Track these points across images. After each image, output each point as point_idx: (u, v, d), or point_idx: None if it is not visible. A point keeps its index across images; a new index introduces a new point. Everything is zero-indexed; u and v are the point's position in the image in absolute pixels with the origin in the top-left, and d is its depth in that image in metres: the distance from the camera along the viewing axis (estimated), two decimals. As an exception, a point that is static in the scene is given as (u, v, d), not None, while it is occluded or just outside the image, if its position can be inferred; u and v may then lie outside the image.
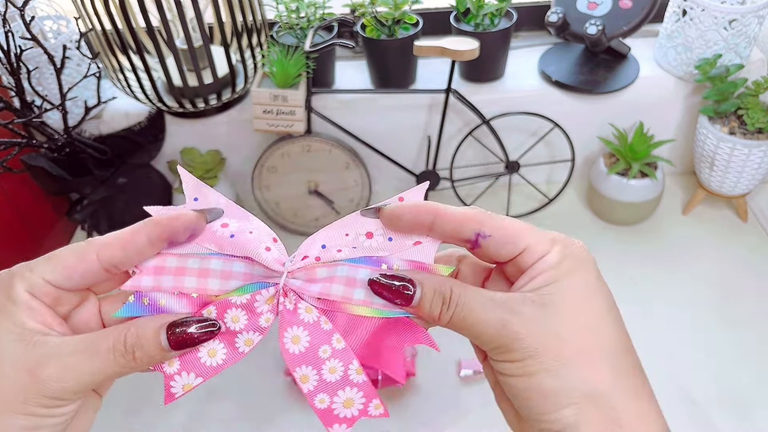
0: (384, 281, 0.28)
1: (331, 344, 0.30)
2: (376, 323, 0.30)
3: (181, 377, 0.29)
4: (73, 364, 0.25)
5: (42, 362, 0.25)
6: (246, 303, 0.29)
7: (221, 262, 0.30)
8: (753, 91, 0.79)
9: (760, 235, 0.87)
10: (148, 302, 0.29)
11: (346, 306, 0.29)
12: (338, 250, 0.30)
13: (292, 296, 0.30)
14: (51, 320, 0.26)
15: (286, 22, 0.84)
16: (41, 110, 0.75)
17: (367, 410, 0.30)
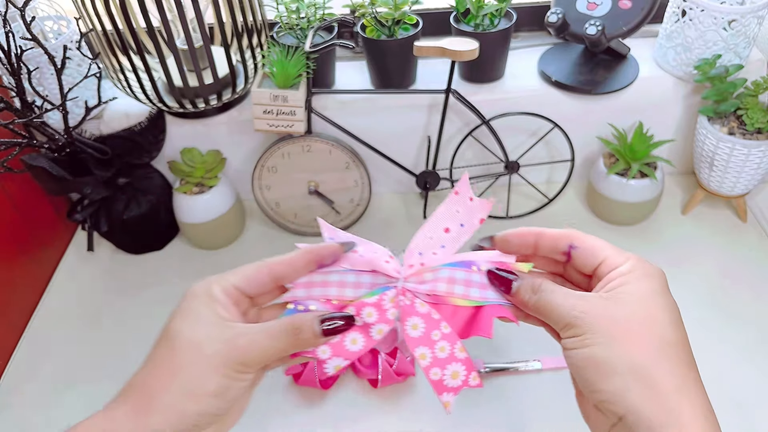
0: (498, 273, 0.39)
1: (440, 329, 0.40)
2: (471, 311, 0.40)
3: (332, 360, 0.39)
4: (257, 340, 0.35)
5: (236, 338, 0.35)
6: (376, 302, 0.40)
7: (354, 275, 0.41)
8: (752, 92, 0.79)
9: (759, 235, 0.87)
10: (303, 309, 0.40)
11: (450, 299, 0.40)
12: (433, 253, 0.41)
13: (408, 295, 0.40)
14: (235, 313, 0.37)
15: (287, 22, 0.84)
16: (42, 110, 0.75)
17: (468, 381, 0.40)
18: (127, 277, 0.89)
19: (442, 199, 1.00)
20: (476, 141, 0.89)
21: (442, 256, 0.41)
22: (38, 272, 0.89)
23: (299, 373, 0.71)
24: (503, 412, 0.68)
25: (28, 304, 0.85)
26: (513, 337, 0.75)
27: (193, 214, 0.87)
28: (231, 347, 0.34)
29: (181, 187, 0.88)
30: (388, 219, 0.95)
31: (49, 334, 0.82)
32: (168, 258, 0.92)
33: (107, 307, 0.85)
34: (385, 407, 0.69)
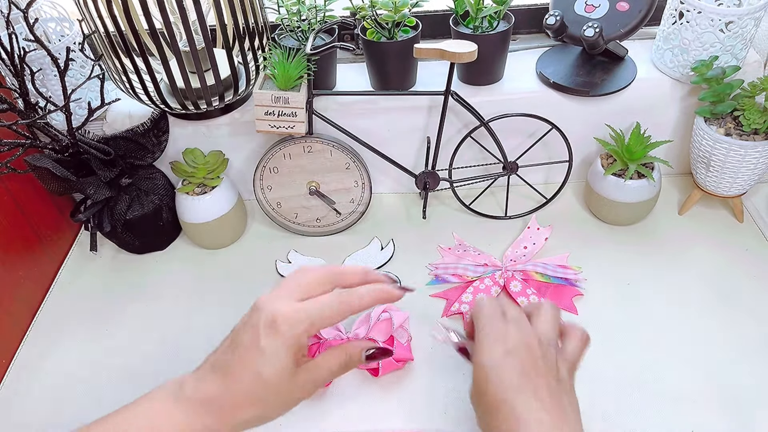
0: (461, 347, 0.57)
1: (527, 297, 0.79)
2: (549, 285, 0.81)
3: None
4: (321, 377, 0.47)
5: (303, 382, 0.46)
6: (488, 278, 0.81)
7: (473, 265, 0.84)
8: (749, 93, 0.80)
9: (756, 236, 0.88)
10: (442, 280, 0.84)
11: (534, 275, 0.81)
12: (522, 256, 0.85)
13: (509, 273, 0.81)
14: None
15: (288, 24, 0.85)
16: (45, 111, 0.76)
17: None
18: (130, 277, 0.90)
19: (441, 199, 1.01)
20: (475, 142, 0.90)
21: (525, 259, 0.84)
22: (42, 272, 0.89)
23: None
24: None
25: (31, 304, 0.86)
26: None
27: (196, 214, 0.88)
28: (299, 389, 0.44)
29: (183, 188, 0.89)
30: (388, 219, 0.96)
31: (52, 333, 0.83)
32: (171, 258, 0.93)
33: (110, 306, 0.86)
34: (386, 396, 0.70)
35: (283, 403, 0.43)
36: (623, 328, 0.76)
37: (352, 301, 0.44)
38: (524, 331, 0.49)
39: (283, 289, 0.45)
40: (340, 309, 0.44)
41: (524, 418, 0.42)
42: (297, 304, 0.43)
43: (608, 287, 0.81)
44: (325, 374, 0.45)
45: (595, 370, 0.72)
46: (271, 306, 0.43)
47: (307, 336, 0.42)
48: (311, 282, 0.46)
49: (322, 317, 0.43)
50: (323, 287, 0.46)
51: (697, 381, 0.70)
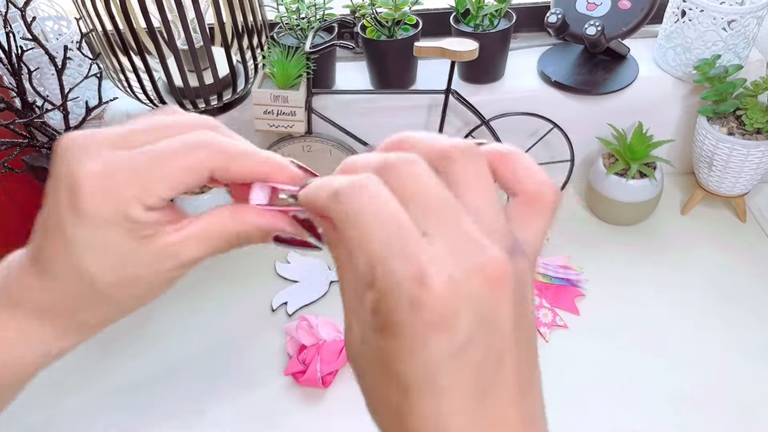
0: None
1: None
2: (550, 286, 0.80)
3: None
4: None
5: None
6: None
7: None
8: (752, 92, 0.80)
9: (758, 235, 0.87)
10: None
11: (535, 276, 0.63)
12: None
13: None
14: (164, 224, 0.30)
15: (287, 23, 0.84)
16: (43, 111, 0.75)
17: (555, 321, 0.76)
18: (127, 277, 0.89)
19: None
20: (476, 141, 0.89)
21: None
22: (39, 272, 0.89)
23: (301, 371, 0.71)
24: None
25: (28, 304, 0.85)
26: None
27: (195, 214, 0.87)
28: (157, 273, 0.27)
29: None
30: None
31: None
32: (168, 258, 0.92)
33: (108, 306, 0.85)
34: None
35: (143, 295, 0.28)
36: (625, 329, 0.76)
37: (214, 148, 0.26)
38: (484, 264, 0.20)
39: (99, 132, 0.26)
40: (192, 161, 0.25)
41: None
42: (111, 154, 0.25)
43: (610, 287, 0.81)
44: (200, 254, 0.27)
45: (596, 369, 0.71)
46: (72, 164, 0.25)
47: (141, 206, 0.25)
48: (150, 126, 0.27)
49: (157, 176, 0.25)
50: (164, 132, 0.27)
51: (700, 381, 0.69)
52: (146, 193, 0.25)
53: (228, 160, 0.26)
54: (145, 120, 0.27)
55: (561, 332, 0.76)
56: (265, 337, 0.78)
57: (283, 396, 0.72)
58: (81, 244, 0.25)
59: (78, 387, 0.75)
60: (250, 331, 0.79)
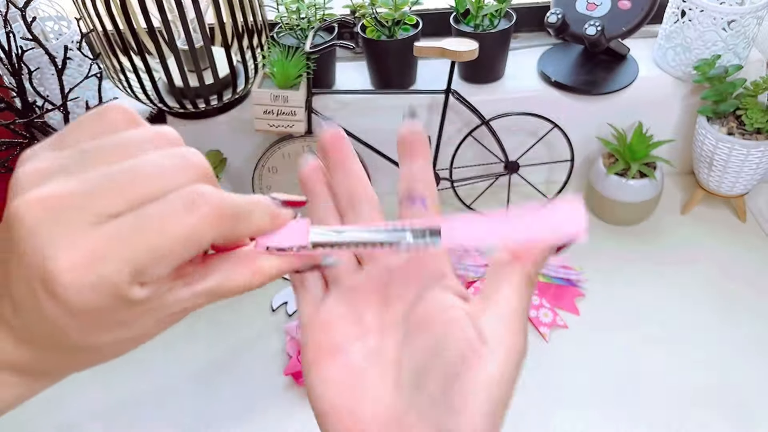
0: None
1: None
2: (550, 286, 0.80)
3: None
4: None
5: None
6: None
7: (474, 266, 0.80)
8: (751, 92, 0.80)
9: (758, 235, 0.87)
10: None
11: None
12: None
13: None
14: None
15: (287, 23, 0.84)
16: (43, 111, 0.75)
17: (556, 321, 0.76)
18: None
19: (442, 199, 1.00)
20: (476, 141, 0.89)
21: None
22: (39, 272, 0.89)
23: (301, 371, 0.71)
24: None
25: (29, 304, 0.85)
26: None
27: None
28: (147, 326, 0.23)
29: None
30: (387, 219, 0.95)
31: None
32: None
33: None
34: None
35: (137, 342, 0.24)
36: (625, 328, 0.76)
37: (214, 211, 0.21)
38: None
39: (67, 196, 0.20)
40: (192, 233, 0.21)
41: None
42: (89, 232, 0.20)
43: (610, 287, 0.81)
44: (206, 303, 0.24)
45: (596, 369, 0.71)
46: (38, 243, 0.19)
47: (136, 286, 0.21)
48: (121, 174, 0.21)
49: (153, 255, 0.20)
50: (144, 188, 0.21)
51: (700, 381, 0.69)
52: (142, 276, 0.21)
53: (233, 225, 0.22)
54: (98, 144, 0.22)
55: (561, 332, 0.76)
56: (265, 337, 0.78)
57: (283, 396, 0.72)
58: (73, 329, 0.21)
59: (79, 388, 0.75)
60: (250, 331, 0.79)
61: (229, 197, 0.22)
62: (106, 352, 0.24)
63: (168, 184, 0.21)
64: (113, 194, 0.20)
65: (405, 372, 0.26)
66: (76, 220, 0.20)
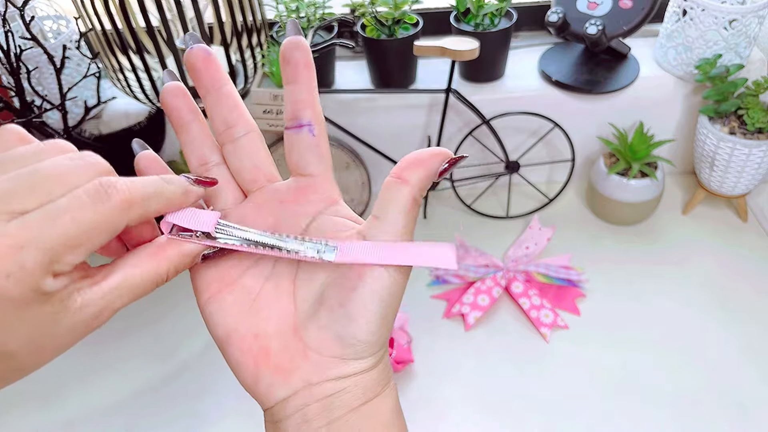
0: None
1: (529, 297, 0.78)
2: (551, 286, 0.81)
3: (472, 313, 0.78)
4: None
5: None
6: (490, 279, 0.80)
7: (474, 266, 0.83)
8: (753, 91, 0.79)
9: (760, 235, 0.87)
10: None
11: (536, 276, 0.80)
12: (524, 256, 0.81)
13: (511, 274, 0.80)
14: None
15: (286, 22, 0.84)
16: (41, 110, 0.75)
17: (556, 322, 0.76)
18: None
19: (442, 199, 1.00)
20: (476, 141, 0.89)
21: (527, 259, 0.83)
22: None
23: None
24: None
25: (27, 304, 0.85)
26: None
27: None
28: (70, 331, 0.23)
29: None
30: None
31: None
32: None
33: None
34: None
35: (59, 351, 0.24)
36: (626, 329, 0.75)
37: (122, 194, 0.22)
38: None
39: None
40: (105, 215, 0.22)
41: None
42: (10, 225, 0.21)
43: (611, 288, 0.81)
44: (123, 303, 0.25)
45: (596, 369, 0.71)
46: None
47: (50, 276, 0.21)
48: (26, 176, 0.22)
49: (68, 243, 0.21)
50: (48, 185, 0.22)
51: (700, 381, 0.69)
52: (55, 264, 0.21)
53: (145, 206, 0.23)
54: (3, 156, 0.23)
55: (562, 332, 0.76)
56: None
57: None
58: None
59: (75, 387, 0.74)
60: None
61: (140, 181, 0.23)
62: (22, 362, 0.23)
63: (72, 181, 0.22)
64: (22, 194, 0.21)
65: (301, 290, 0.27)
66: None
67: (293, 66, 0.28)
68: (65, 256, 0.21)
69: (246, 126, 0.29)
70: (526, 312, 0.77)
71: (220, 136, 0.29)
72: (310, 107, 0.28)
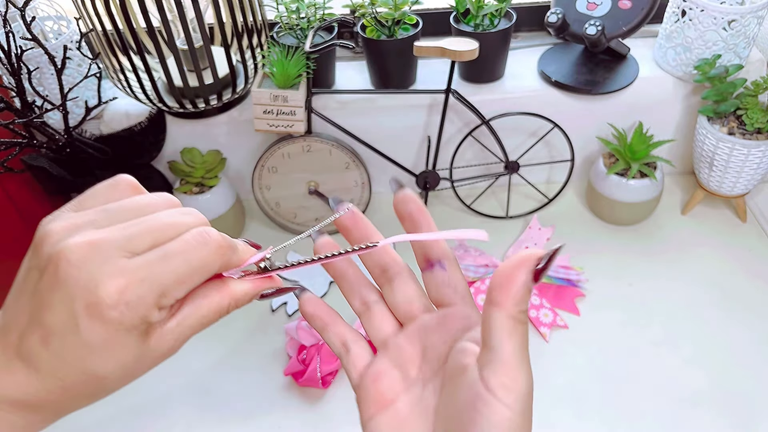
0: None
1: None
2: (551, 286, 0.80)
3: None
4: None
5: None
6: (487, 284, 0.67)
7: (474, 266, 0.82)
8: (752, 92, 0.79)
9: (758, 235, 0.87)
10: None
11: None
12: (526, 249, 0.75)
13: None
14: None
15: (287, 22, 0.84)
16: (42, 110, 0.75)
17: (556, 321, 0.76)
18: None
19: (442, 199, 1.00)
20: (476, 141, 0.89)
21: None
22: (38, 272, 0.89)
23: (300, 372, 0.71)
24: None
25: (28, 304, 0.85)
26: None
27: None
28: (154, 360, 0.28)
29: (181, 187, 0.88)
30: (388, 219, 0.95)
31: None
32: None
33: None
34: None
35: (130, 381, 0.28)
36: (625, 329, 0.76)
37: (216, 244, 0.27)
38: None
39: (89, 221, 0.26)
40: (205, 261, 0.27)
41: None
42: (128, 263, 0.25)
43: (610, 288, 0.81)
44: (193, 332, 0.28)
45: (596, 369, 0.71)
46: (85, 274, 0.25)
47: (157, 310, 0.26)
48: (142, 224, 0.27)
49: (177, 280, 0.26)
50: (162, 233, 0.27)
51: (700, 381, 0.69)
52: (164, 298, 0.26)
53: (231, 256, 0.28)
54: (120, 204, 0.27)
55: (561, 332, 0.76)
56: (265, 337, 0.78)
57: (283, 396, 0.72)
58: (100, 349, 0.26)
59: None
60: (250, 331, 0.79)
61: (225, 235, 0.28)
62: (109, 385, 0.27)
63: (180, 230, 0.27)
64: (140, 237, 0.26)
65: (439, 418, 0.29)
66: (114, 256, 0.25)
67: (411, 219, 0.33)
68: (173, 291, 0.26)
69: (397, 267, 0.34)
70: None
71: (378, 279, 0.34)
72: (436, 246, 0.33)
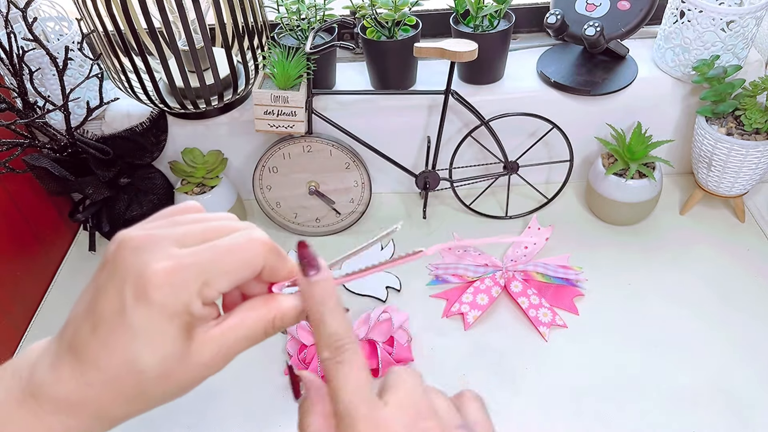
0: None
1: (528, 297, 0.78)
2: (550, 288, 0.81)
3: (471, 312, 0.78)
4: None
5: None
6: (489, 278, 0.80)
7: (474, 265, 0.84)
8: (750, 92, 0.80)
9: (757, 235, 0.87)
10: (442, 280, 0.85)
11: (535, 275, 0.80)
12: (523, 256, 0.83)
13: (510, 273, 0.80)
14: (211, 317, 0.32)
15: (287, 23, 0.84)
16: (44, 111, 0.75)
17: (555, 321, 0.77)
18: (128, 277, 0.90)
19: (441, 199, 1.01)
20: (476, 141, 0.89)
21: (525, 259, 0.84)
22: (41, 272, 0.89)
23: (300, 371, 0.71)
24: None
25: (30, 304, 0.86)
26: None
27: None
28: (196, 370, 0.29)
29: (182, 188, 0.88)
30: (388, 219, 0.96)
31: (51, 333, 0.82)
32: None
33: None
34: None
35: (172, 393, 0.29)
36: (624, 328, 0.76)
37: (268, 244, 0.29)
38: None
39: (155, 226, 0.29)
40: (252, 255, 0.29)
41: None
42: (178, 251, 0.27)
43: (609, 287, 0.81)
44: (238, 346, 0.29)
45: (595, 369, 0.72)
46: (140, 261, 0.27)
47: (201, 301, 0.27)
48: (200, 225, 0.30)
49: (222, 269, 0.28)
50: (214, 232, 0.30)
51: (699, 381, 0.69)
52: (208, 288, 0.27)
53: (280, 259, 0.30)
54: (185, 216, 0.30)
55: (560, 332, 0.76)
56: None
57: (283, 396, 0.72)
58: (143, 335, 0.27)
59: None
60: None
61: (272, 241, 0.30)
62: (148, 385, 0.28)
63: (231, 231, 0.29)
64: (193, 234, 0.29)
65: None
66: (167, 245, 0.27)
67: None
68: (217, 281, 0.28)
69: None
70: (524, 311, 0.77)
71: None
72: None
